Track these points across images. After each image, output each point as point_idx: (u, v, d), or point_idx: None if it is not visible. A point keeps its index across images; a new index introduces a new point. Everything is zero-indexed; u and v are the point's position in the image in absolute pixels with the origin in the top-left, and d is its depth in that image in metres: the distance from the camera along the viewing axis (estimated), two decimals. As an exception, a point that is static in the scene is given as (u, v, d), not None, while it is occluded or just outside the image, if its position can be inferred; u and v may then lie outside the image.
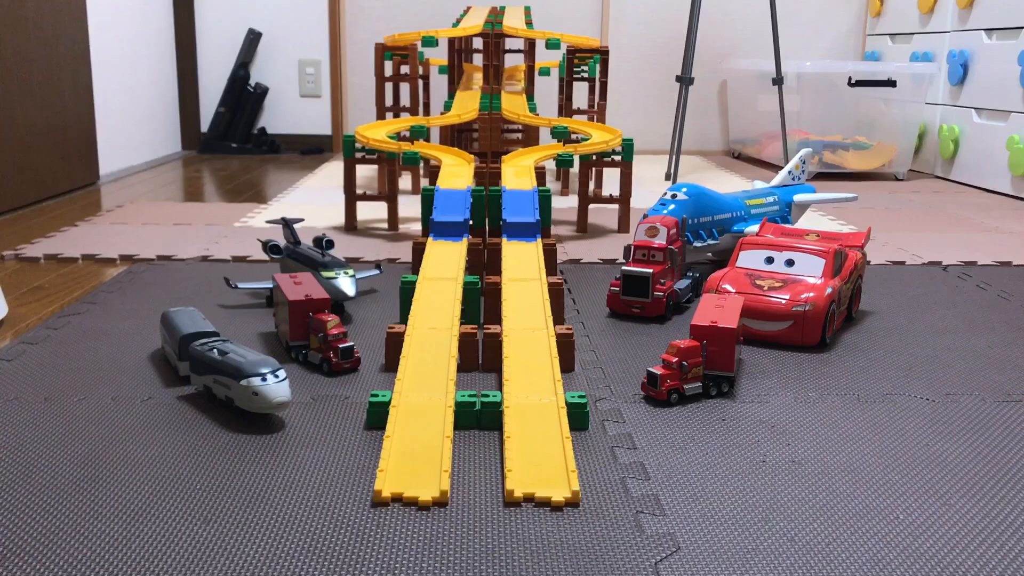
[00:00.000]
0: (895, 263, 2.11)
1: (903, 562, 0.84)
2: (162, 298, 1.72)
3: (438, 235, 1.77)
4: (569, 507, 0.94)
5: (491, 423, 1.13)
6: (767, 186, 2.13)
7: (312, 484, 0.98)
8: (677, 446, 1.09)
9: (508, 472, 0.98)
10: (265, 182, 3.41)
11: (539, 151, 2.34)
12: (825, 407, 1.22)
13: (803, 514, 0.93)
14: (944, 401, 1.25)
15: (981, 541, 0.88)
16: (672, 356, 1.23)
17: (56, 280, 1.88)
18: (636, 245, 1.64)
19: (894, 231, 2.48)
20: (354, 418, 1.16)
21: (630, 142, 2.37)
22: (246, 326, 1.55)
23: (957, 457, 1.07)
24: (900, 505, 0.95)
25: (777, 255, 1.56)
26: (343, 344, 1.32)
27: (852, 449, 1.09)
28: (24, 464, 1.02)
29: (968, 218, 2.71)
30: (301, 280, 1.45)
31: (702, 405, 1.22)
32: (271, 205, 2.83)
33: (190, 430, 1.12)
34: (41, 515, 0.91)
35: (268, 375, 1.12)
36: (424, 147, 2.35)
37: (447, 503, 0.94)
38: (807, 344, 1.46)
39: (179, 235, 2.31)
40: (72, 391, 1.24)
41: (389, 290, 1.80)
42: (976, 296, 1.81)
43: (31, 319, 1.60)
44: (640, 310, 1.61)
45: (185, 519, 0.90)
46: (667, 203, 1.87)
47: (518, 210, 1.86)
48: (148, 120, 3.91)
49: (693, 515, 0.93)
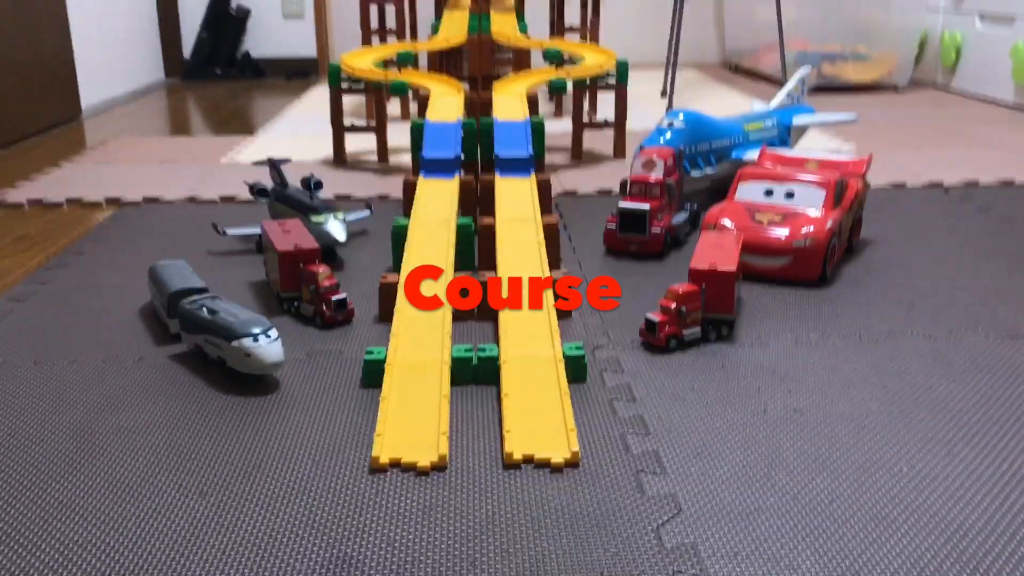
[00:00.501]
0: (896, 185, 2.07)
1: (907, 519, 0.83)
2: (150, 247, 1.69)
3: (429, 172, 1.72)
4: (569, 468, 0.93)
5: (488, 378, 1.11)
6: (766, 108, 2.08)
7: (309, 450, 0.97)
8: (677, 397, 1.08)
9: (507, 433, 0.96)
10: (251, 110, 3.33)
11: (531, 77, 2.27)
12: (826, 349, 1.20)
13: (805, 469, 0.92)
14: (947, 339, 1.23)
15: (985, 495, 0.87)
16: (670, 302, 1.21)
17: (41, 228, 1.85)
18: (632, 179, 1.60)
19: (894, 149, 2.44)
20: (349, 375, 1.15)
21: (625, 64, 2.30)
22: (236, 275, 1.52)
23: (961, 401, 1.06)
24: (903, 456, 0.94)
25: (777, 187, 1.52)
26: (336, 296, 1.29)
27: (854, 395, 1.07)
28: (17, 435, 1.01)
29: (970, 132, 2.66)
30: (290, 228, 1.42)
31: (701, 350, 1.20)
32: (258, 137, 2.76)
33: (183, 394, 1.10)
34: (35, 492, 0.90)
35: (260, 335, 1.10)
36: (412, 75, 2.28)
37: (446, 467, 0.93)
38: (807, 279, 1.43)
39: (165, 174, 2.26)
40: (62, 353, 1.22)
41: (380, 231, 1.76)
42: (977, 221, 1.78)
43: (17, 272, 1.57)
44: (637, 247, 1.58)
45: (181, 493, 0.89)
46: (663, 131, 1.82)
47: (511, 143, 1.81)
48: (128, 48, 3.81)
49: (694, 473, 0.92)
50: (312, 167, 2.31)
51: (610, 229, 1.60)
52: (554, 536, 0.82)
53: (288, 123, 3.01)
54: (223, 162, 2.40)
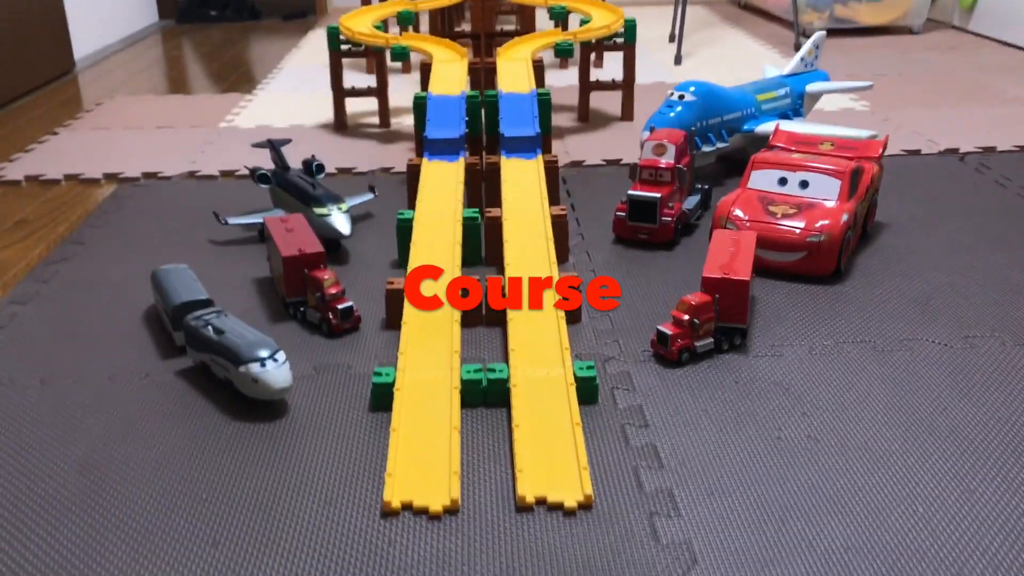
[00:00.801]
0: (911, 152, 2.02)
1: (923, 571, 0.83)
2: (151, 233, 1.66)
3: (433, 154, 1.68)
4: (582, 510, 0.92)
5: (498, 400, 1.10)
6: (779, 74, 2.02)
7: (321, 487, 0.96)
8: (689, 422, 1.06)
9: (519, 473, 0.95)
10: (249, 59, 3.26)
11: (536, 40, 2.20)
12: (840, 360, 1.18)
13: (820, 510, 0.91)
14: (963, 347, 1.21)
15: (1003, 541, 0.86)
16: (683, 313, 1.18)
17: (40, 210, 1.81)
18: (642, 165, 1.56)
19: (909, 106, 2.38)
20: (358, 395, 1.13)
21: (632, 23, 2.23)
22: (239, 270, 1.50)
23: (976, 426, 1.04)
24: (919, 494, 0.93)
25: (791, 176, 1.49)
26: (342, 304, 1.27)
27: (868, 418, 1.06)
28: (27, 470, 1.00)
29: (987, 85, 2.59)
30: (293, 226, 1.39)
31: (714, 362, 1.19)
32: (256, 95, 2.70)
33: (191, 420, 1.09)
34: (46, 534, 0.89)
35: (267, 360, 1.08)
36: (413, 39, 2.21)
37: (458, 510, 0.92)
38: (821, 274, 1.41)
39: (163, 142, 2.22)
40: (67, 369, 1.21)
41: (385, 213, 1.73)
42: (994, 196, 1.74)
43: (18, 266, 1.55)
44: (647, 236, 1.55)
45: (193, 540, 0.89)
46: (674, 105, 1.77)
47: (516, 120, 1.76)
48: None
49: (708, 516, 0.91)
50: (312, 132, 2.26)
51: (620, 217, 1.56)
52: (569, 593, 0.82)
53: (287, 77, 2.94)
54: (222, 127, 2.35)
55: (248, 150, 2.09)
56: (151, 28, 3.96)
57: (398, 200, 1.79)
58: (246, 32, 3.83)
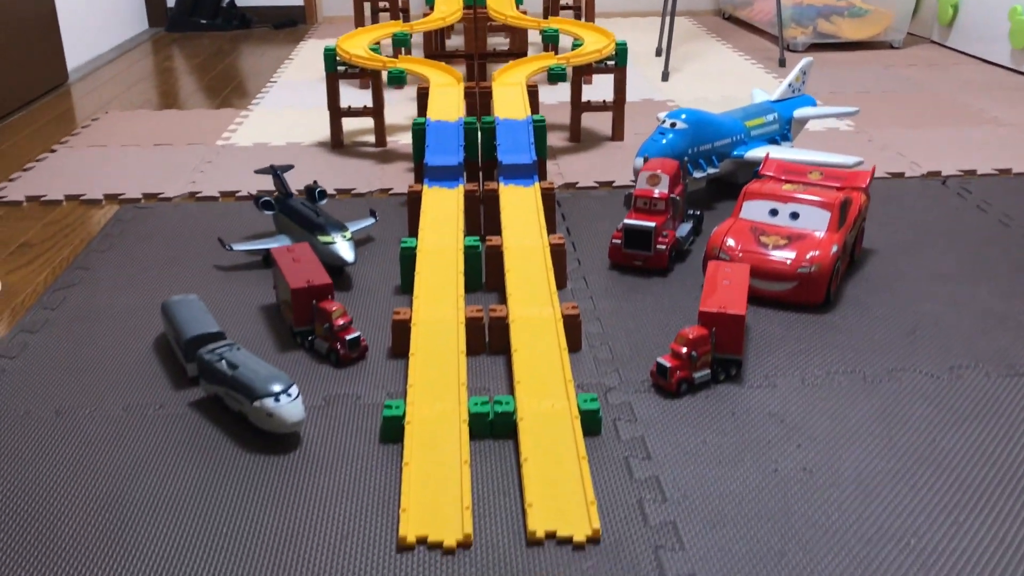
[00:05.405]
0: (894, 175, 2.08)
1: (915, 604, 0.88)
2: (155, 259, 1.69)
3: (432, 180, 1.72)
4: (590, 543, 0.96)
5: (505, 432, 1.14)
6: (767, 100, 2.07)
7: (336, 522, 1.00)
8: (690, 453, 1.11)
9: (528, 507, 0.99)
10: (242, 71, 3.28)
11: (530, 63, 2.24)
12: (831, 391, 1.23)
13: (816, 543, 0.96)
14: (949, 378, 1.26)
15: (993, 570, 0.92)
16: (681, 347, 1.23)
17: (42, 233, 1.84)
18: (637, 195, 1.61)
19: (891, 127, 2.44)
20: (368, 427, 1.17)
21: (624, 47, 2.28)
22: (245, 295, 1.53)
23: (963, 458, 1.09)
24: (910, 526, 0.98)
25: (781, 207, 1.54)
26: (350, 335, 1.31)
27: (859, 450, 1.11)
28: (49, 509, 1.03)
29: (966, 105, 2.66)
30: (299, 256, 1.42)
31: (711, 393, 1.23)
32: (251, 111, 2.73)
33: (207, 452, 1.12)
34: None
35: (281, 395, 1.12)
36: (409, 63, 2.25)
37: (471, 544, 0.96)
38: (812, 302, 1.46)
39: (162, 161, 2.24)
40: (82, 400, 1.24)
41: (386, 237, 1.77)
42: (976, 222, 1.80)
43: (25, 292, 1.58)
44: (642, 263, 1.59)
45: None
46: (665, 132, 1.82)
47: (513, 146, 1.80)
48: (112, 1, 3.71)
49: (711, 548, 0.95)
50: (309, 151, 2.29)
51: (615, 244, 1.61)
52: (580, 627, 0.86)
53: (282, 90, 2.97)
54: (219, 144, 2.38)
55: (249, 174, 2.12)
56: (141, 36, 3.97)
57: (398, 223, 1.82)
58: (237, 41, 3.84)
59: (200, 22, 4.10)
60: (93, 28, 3.49)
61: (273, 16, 4.21)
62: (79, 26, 3.32)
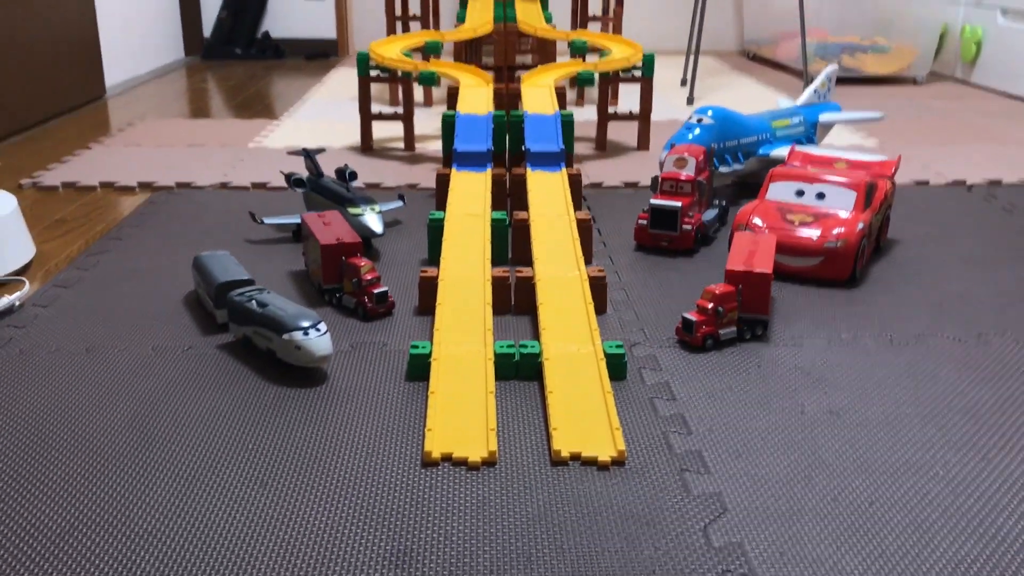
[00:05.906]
0: (919, 183, 2.09)
1: (945, 524, 0.86)
2: (187, 232, 1.72)
3: (461, 165, 1.75)
4: (615, 465, 0.96)
5: (530, 374, 1.14)
6: (792, 105, 2.09)
7: (363, 442, 1.00)
8: (715, 396, 1.11)
9: (553, 431, 0.99)
10: (273, 93, 3.35)
11: (558, 69, 2.29)
12: (858, 351, 1.23)
13: (844, 470, 0.95)
14: (976, 343, 1.25)
15: (1021, 500, 0.90)
16: (707, 302, 1.23)
17: (77, 212, 1.87)
18: (664, 177, 1.62)
19: (917, 145, 2.45)
20: (394, 368, 1.18)
21: (651, 57, 2.32)
22: (275, 264, 1.55)
23: (992, 407, 1.08)
24: (939, 459, 0.97)
25: (808, 187, 1.55)
26: (378, 289, 1.32)
27: (888, 398, 1.10)
28: (79, 427, 1.04)
29: (991, 128, 2.67)
30: (330, 221, 1.44)
31: (737, 349, 1.23)
32: (282, 121, 2.78)
33: (234, 384, 1.13)
34: (100, 483, 0.93)
35: (310, 329, 1.13)
36: (440, 65, 2.30)
37: (496, 462, 0.96)
38: (837, 279, 1.46)
39: (195, 158, 2.29)
40: (112, 341, 1.25)
41: (413, 220, 1.79)
42: (1002, 221, 1.80)
43: (59, 257, 1.60)
44: (668, 243, 1.60)
45: (241, 484, 0.93)
46: (692, 127, 1.84)
47: (541, 137, 1.83)
48: (151, 27, 3.82)
49: (737, 473, 0.95)
50: (339, 154, 2.33)
51: (641, 225, 1.62)
52: (605, 534, 0.85)
53: (312, 107, 3.03)
54: (251, 147, 2.42)
55: (280, 161, 2.16)
56: (177, 63, 4.07)
57: (426, 211, 1.84)
58: (270, 70, 3.93)
59: (235, 51, 4.21)
60: (131, 51, 3.58)
61: (306, 48, 4.31)
62: (118, 48, 3.41)
